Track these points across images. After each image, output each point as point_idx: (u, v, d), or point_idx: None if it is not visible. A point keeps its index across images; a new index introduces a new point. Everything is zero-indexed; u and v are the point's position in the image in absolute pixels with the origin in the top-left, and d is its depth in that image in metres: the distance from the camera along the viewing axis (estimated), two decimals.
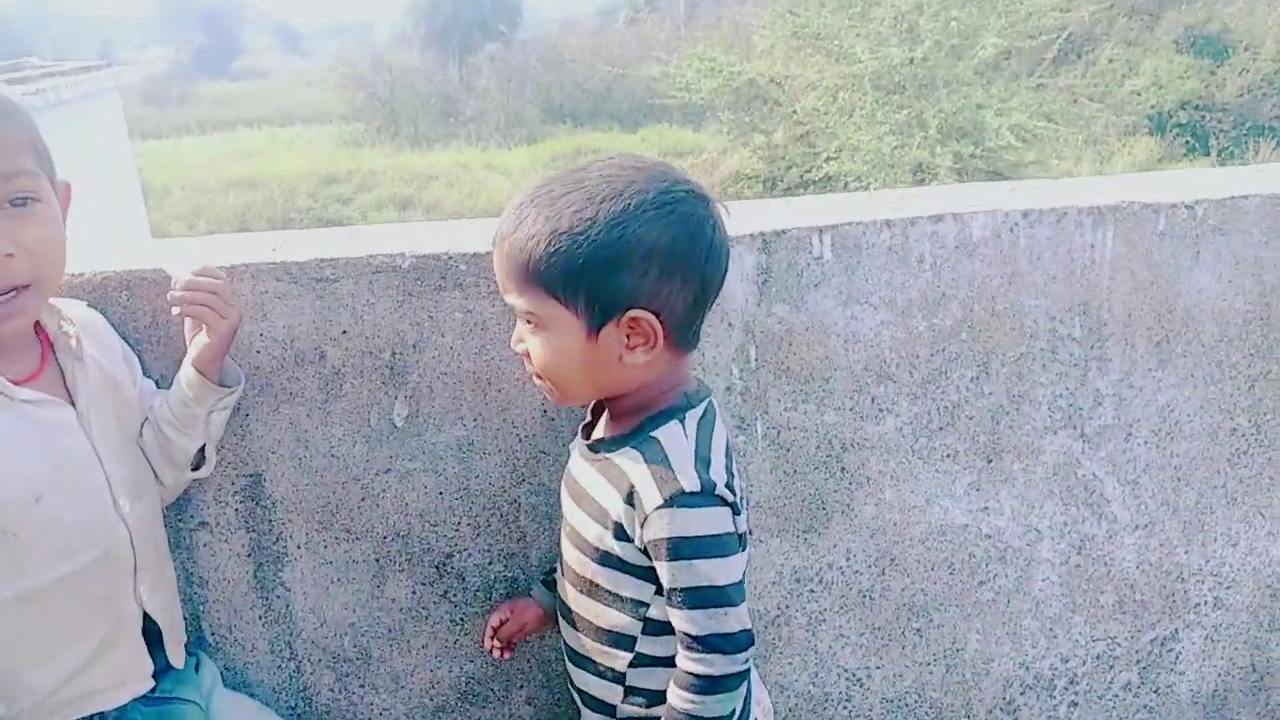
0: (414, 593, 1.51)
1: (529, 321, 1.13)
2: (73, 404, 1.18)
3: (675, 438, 1.14)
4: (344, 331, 1.39)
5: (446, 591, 1.51)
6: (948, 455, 1.54)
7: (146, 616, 1.24)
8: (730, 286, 1.43)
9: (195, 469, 1.33)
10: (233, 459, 1.41)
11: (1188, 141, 18.17)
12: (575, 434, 1.29)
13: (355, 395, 1.42)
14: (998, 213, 1.46)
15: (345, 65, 25.96)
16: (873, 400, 1.50)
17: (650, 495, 1.10)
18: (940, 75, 10.67)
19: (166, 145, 24.38)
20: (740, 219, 1.47)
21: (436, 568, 1.50)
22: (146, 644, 1.24)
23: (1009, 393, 1.52)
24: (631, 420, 1.18)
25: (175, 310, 1.24)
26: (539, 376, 1.18)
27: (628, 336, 1.11)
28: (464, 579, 1.51)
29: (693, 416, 1.16)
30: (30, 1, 60.47)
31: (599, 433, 1.25)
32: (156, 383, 1.35)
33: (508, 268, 1.12)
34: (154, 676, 1.25)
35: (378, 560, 1.49)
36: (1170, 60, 18.72)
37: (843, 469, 1.52)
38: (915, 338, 1.49)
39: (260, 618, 1.50)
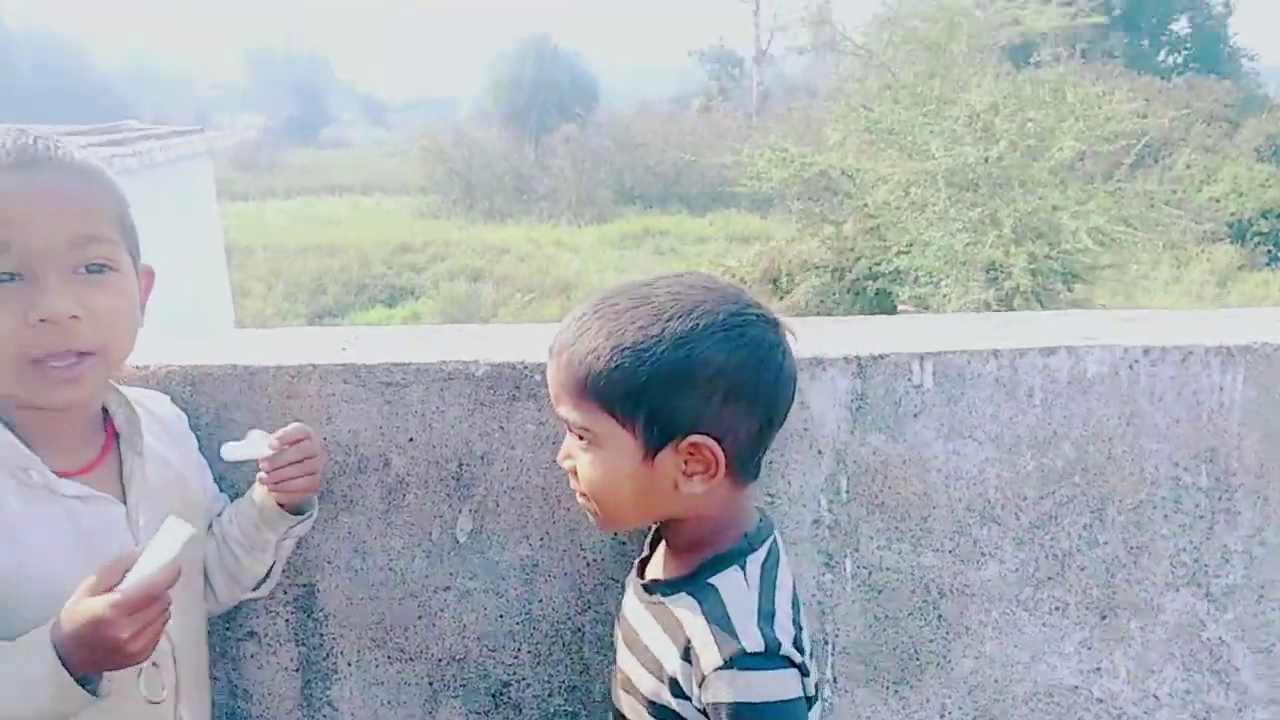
0: None
1: (581, 437, 1.07)
2: (125, 501, 1.12)
3: (736, 587, 1.05)
4: (411, 439, 1.32)
5: None
6: (1056, 608, 1.40)
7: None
8: (821, 412, 1.33)
9: (254, 588, 1.25)
10: (286, 568, 1.34)
11: (1270, 250, 17.72)
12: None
13: (418, 507, 1.34)
14: (1116, 348, 1.35)
15: (427, 139, 26.80)
16: (975, 543, 1.37)
17: (709, 655, 1.00)
18: (1015, 175, 10.55)
19: (252, 208, 25.27)
20: (834, 339, 1.38)
21: (493, 696, 1.40)
22: None
23: (1126, 543, 1.38)
24: (689, 560, 1.10)
25: (269, 483, 1.17)
26: (584, 495, 1.10)
27: (685, 462, 1.04)
28: (521, 710, 1.40)
29: (755, 561, 1.07)
30: (134, 65, 64.05)
31: (655, 570, 1.16)
32: (218, 483, 1.29)
33: (564, 379, 1.06)
34: None
35: (431, 684, 1.39)
36: (1250, 168, 18.40)
37: (939, 616, 1.39)
38: (1023, 478, 1.37)
39: None
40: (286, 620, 1.36)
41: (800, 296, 12.40)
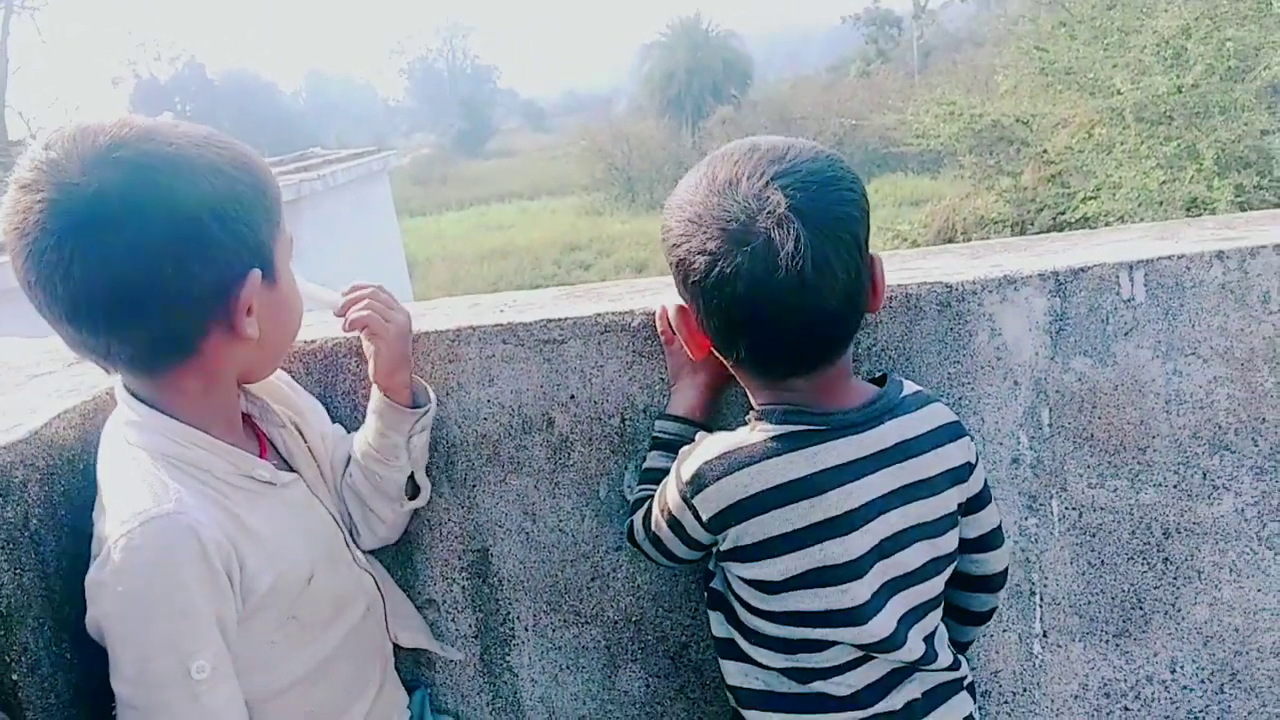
0: (648, 685, 1.36)
1: None
2: (296, 472, 1.14)
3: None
4: (572, 396, 1.29)
5: (683, 686, 1.35)
6: None
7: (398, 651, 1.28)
8: (1016, 337, 1.20)
9: (411, 498, 1.26)
10: (459, 533, 1.33)
11: None
12: None
13: (584, 465, 1.31)
14: None
15: (586, 139, 27.28)
16: (1204, 475, 1.21)
17: None
18: (1215, 101, 9.59)
19: (429, 222, 26.48)
20: (1027, 256, 1.24)
21: (671, 659, 1.34)
22: None
23: None
24: None
25: (344, 326, 1.18)
26: None
27: None
28: (701, 673, 1.34)
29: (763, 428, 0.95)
30: (320, 101, 68.69)
31: None
32: None
33: None
34: None
35: (609, 647, 1.35)
36: None
37: (1165, 560, 1.23)
38: (1260, 397, 1.19)
39: (488, 704, 1.40)
40: (463, 587, 1.36)
41: None
